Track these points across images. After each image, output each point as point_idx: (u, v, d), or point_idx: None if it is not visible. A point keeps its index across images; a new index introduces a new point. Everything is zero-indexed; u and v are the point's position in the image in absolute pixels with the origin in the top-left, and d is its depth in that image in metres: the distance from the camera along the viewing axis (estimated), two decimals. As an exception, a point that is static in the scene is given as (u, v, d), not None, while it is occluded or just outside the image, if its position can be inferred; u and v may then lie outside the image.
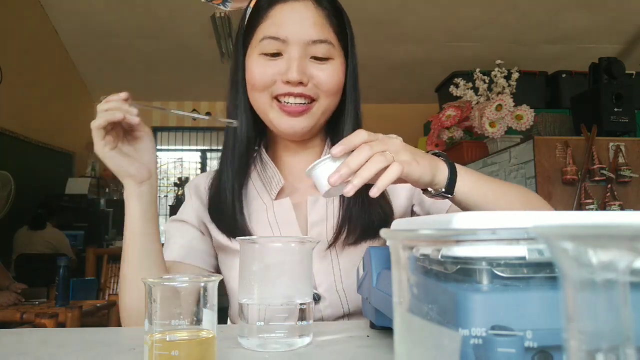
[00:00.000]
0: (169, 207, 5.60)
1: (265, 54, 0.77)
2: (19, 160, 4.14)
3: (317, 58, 0.77)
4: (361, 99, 0.84)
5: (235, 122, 0.78)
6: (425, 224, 0.44)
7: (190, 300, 0.43)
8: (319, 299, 0.79)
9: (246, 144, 0.83)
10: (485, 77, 2.55)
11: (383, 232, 0.30)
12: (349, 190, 0.56)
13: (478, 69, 2.57)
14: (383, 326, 0.55)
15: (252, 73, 0.78)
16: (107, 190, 5.18)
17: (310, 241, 0.57)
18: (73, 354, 0.53)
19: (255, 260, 0.54)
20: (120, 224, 5.04)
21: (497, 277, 0.30)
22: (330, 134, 0.86)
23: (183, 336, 0.43)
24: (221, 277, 0.46)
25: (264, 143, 0.88)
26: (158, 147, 5.78)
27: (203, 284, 0.44)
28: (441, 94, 3.28)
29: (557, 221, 0.37)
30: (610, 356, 0.18)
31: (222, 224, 0.82)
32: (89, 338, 0.63)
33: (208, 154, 6.03)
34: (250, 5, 0.81)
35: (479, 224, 0.35)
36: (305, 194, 0.84)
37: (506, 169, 2.24)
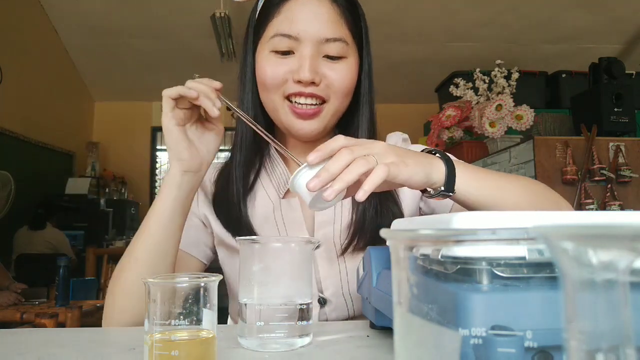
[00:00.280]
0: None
1: (276, 52, 0.74)
2: (19, 160, 4.14)
3: (330, 57, 0.74)
4: (375, 98, 0.82)
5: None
6: (425, 224, 0.44)
7: (190, 300, 0.43)
8: (325, 302, 0.78)
9: (253, 141, 0.81)
10: (485, 77, 2.55)
11: (383, 232, 0.30)
12: (328, 194, 0.52)
13: (478, 69, 2.57)
14: (383, 326, 0.55)
15: (264, 72, 0.75)
16: (107, 190, 5.17)
17: (311, 242, 0.57)
18: (73, 354, 0.53)
19: (255, 260, 0.54)
20: (121, 224, 5.02)
21: (497, 277, 0.30)
22: (340, 130, 0.84)
23: (183, 336, 0.43)
24: (221, 277, 0.46)
25: (272, 136, 0.87)
26: (158, 148, 5.79)
27: (203, 284, 0.44)
28: (441, 94, 3.28)
29: (557, 221, 0.37)
30: (610, 356, 0.18)
31: (227, 222, 0.81)
32: (89, 338, 0.63)
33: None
34: None
35: (479, 224, 0.35)
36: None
37: (506, 169, 2.24)
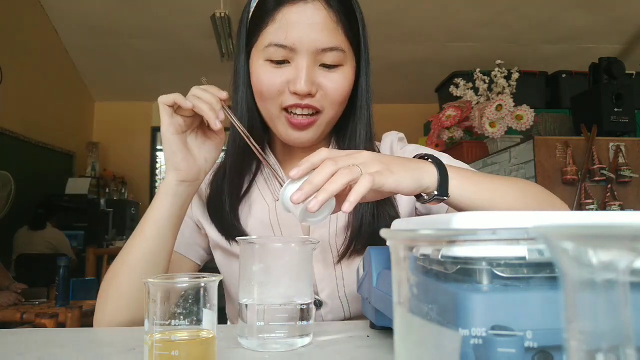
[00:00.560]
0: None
1: (271, 61, 0.73)
2: (19, 160, 4.14)
3: (326, 65, 0.73)
4: (372, 99, 0.81)
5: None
6: (425, 224, 0.44)
7: (190, 300, 0.43)
8: (320, 305, 0.78)
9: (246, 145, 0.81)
10: (485, 77, 2.55)
11: (383, 232, 0.30)
12: (312, 206, 0.51)
13: (478, 69, 2.57)
14: (383, 326, 0.55)
15: (260, 81, 0.74)
16: (107, 190, 5.17)
17: (310, 241, 0.57)
18: (73, 354, 0.53)
19: (255, 260, 0.54)
20: (121, 224, 5.02)
21: (497, 277, 0.30)
22: (335, 134, 0.85)
23: (183, 336, 0.43)
24: (221, 277, 0.46)
25: (267, 140, 0.86)
26: (158, 148, 5.79)
27: (203, 284, 0.44)
28: (441, 94, 3.28)
29: (557, 221, 0.37)
30: (610, 356, 0.18)
31: (221, 226, 0.81)
32: (89, 338, 0.63)
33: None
34: None
35: (479, 224, 0.35)
36: None
37: (506, 169, 2.24)
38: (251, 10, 0.77)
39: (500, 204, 0.61)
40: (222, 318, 0.88)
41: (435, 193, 0.58)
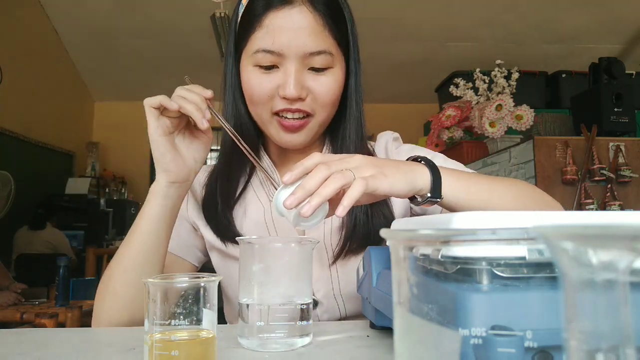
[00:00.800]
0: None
1: (260, 66, 0.73)
2: (19, 160, 4.14)
3: (315, 68, 0.73)
4: (363, 100, 0.82)
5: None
6: (424, 224, 0.44)
7: (190, 300, 0.43)
8: (316, 304, 0.78)
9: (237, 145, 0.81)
10: (485, 77, 2.55)
11: (383, 232, 0.30)
12: (306, 211, 0.52)
13: (478, 69, 2.57)
14: (383, 326, 0.55)
15: (250, 87, 0.75)
16: (107, 190, 5.18)
17: (310, 241, 0.57)
18: (73, 354, 0.53)
19: (255, 260, 0.54)
20: (120, 224, 5.02)
21: (497, 277, 0.30)
22: (329, 134, 0.85)
23: (183, 336, 0.43)
24: (221, 277, 0.46)
25: (262, 142, 0.87)
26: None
27: (203, 284, 0.44)
28: (441, 94, 3.28)
29: (557, 221, 0.37)
30: (610, 356, 0.18)
31: (217, 228, 0.81)
32: (89, 338, 0.63)
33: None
34: (243, 2, 0.76)
35: (479, 224, 0.35)
36: None
37: (506, 169, 2.24)
38: (239, 14, 0.77)
39: (495, 205, 0.61)
40: (222, 318, 0.88)
41: (429, 195, 0.59)
